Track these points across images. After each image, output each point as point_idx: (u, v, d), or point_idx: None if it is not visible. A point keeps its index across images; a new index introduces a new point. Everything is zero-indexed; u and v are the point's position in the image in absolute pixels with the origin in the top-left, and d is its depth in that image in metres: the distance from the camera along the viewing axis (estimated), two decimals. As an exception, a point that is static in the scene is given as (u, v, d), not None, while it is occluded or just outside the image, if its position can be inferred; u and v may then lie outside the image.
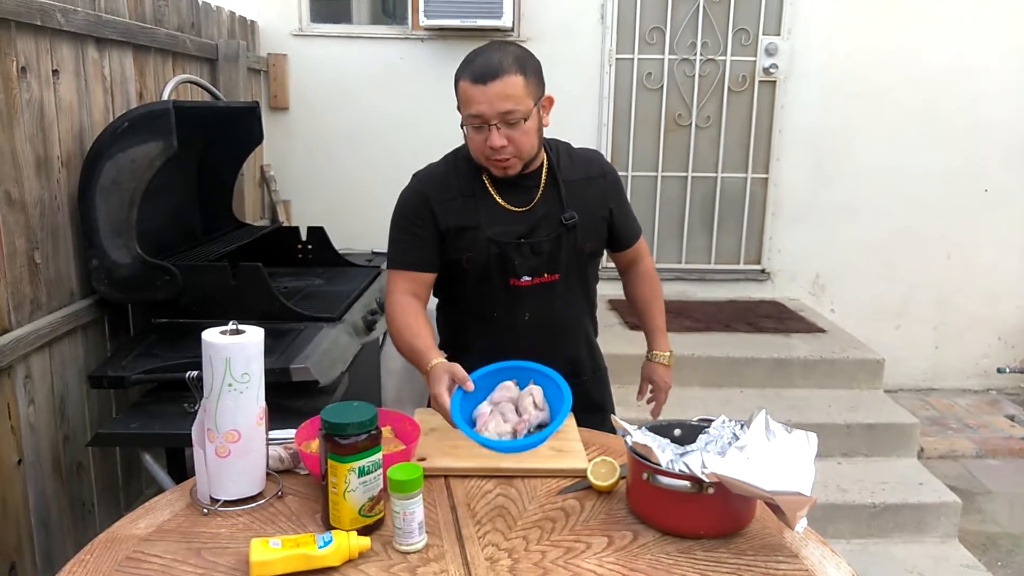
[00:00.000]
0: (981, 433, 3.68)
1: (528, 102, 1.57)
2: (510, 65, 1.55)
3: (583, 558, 1.20)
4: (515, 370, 1.53)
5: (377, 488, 1.25)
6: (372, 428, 1.24)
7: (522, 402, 1.45)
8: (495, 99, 1.54)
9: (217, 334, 1.29)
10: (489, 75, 1.54)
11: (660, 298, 1.95)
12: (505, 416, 1.43)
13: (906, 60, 3.96)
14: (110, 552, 1.21)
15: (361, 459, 1.23)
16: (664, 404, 2.00)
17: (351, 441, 1.22)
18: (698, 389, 3.34)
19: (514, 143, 1.59)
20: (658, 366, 1.96)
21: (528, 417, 1.45)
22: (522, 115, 1.56)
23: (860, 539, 2.85)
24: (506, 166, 1.63)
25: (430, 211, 1.68)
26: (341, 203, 3.90)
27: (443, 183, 1.70)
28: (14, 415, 1.82)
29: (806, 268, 4.19)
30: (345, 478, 1.22)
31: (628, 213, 1.85)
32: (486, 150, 1.60)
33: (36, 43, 1.91)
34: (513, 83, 1.54)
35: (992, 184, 4.09)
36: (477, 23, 3.69)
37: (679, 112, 4.04)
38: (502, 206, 1.69)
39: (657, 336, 1.96)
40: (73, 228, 2.07)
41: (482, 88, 1.54)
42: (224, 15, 3.28)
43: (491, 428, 1.42)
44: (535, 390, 1.47)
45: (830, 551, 1.24)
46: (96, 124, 2.17)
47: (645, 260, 1.93)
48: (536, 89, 1.60)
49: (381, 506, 1.26)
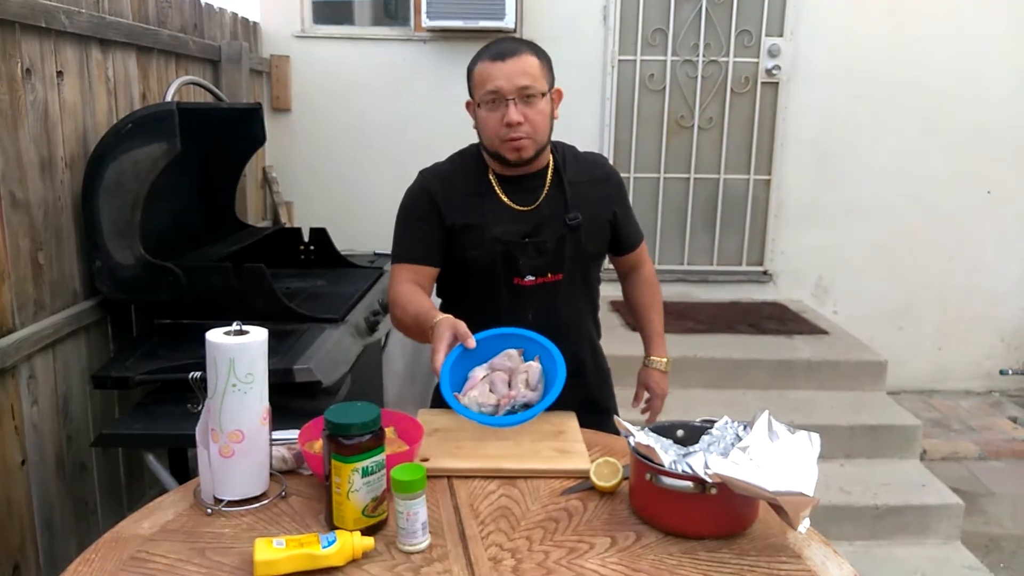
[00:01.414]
0: (984, 435, 3.67)
1: (543, 83, 1.65)
2: (527, 48, 1.65)
3: (586, 558, 1.20)
4: (524, 340, 1.52)
5: (380, 488, 1.25)
6: (375, 428, 1.24)
7: (516, 376, 1.42)
8: (513, 74, 1.60)
9: (221, 334, 1.30)
10: (508, 53, 1.62)
11: (659, 304, 1.96)
12: (494, 386, 1.40)
13: (909, 62, 3.97)
14: (115, 552, 1.21)
15: (365, 459, 1.23)
16: (660, 411, 2.00)
17: (355, 441, 1.22)
18: (701, 391, 3.34)
19: (530, 121, 1.63)
20: (654, 372, 1.96)
21: (515, 394, 1.43)
22: (539, 91, 1.63)
23: (863, 541, 2.85)
24: (520, 146, 1.64)
25: (435, 207, 1.69)
26: (343, 204, 3.90)
27: (449, 181, 1.72)
28: (18, 415, 1.83)
29: (809, 270, 4.19)
30: (349, 478, 1.22)
31: (631, 218, 1.86)
32: (501, 130, 1.62)
33: (40, 45, 1.91)
34: (530, 62, 1.63)
35: (995, 186, 4.09)
36: (480, 24, 3.70)
37: (682, 113, 4.04)
38: (508, 205, 1.70)
39: (655, 342, 1.96)
40: (77, 229, 2.08)
41: (500, 64, 1.61)
42: (227, 16, 3.29)
43: (473, 395, 1.41)
44: (533, 368, 1.45)
45: (833, 552, 1.23)
46: (100, 125, 2.17)
47: (646, 266, 1.94)
48: (549, 75, 1.68)
49: (385, 506, 1.26)
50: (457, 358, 1.43)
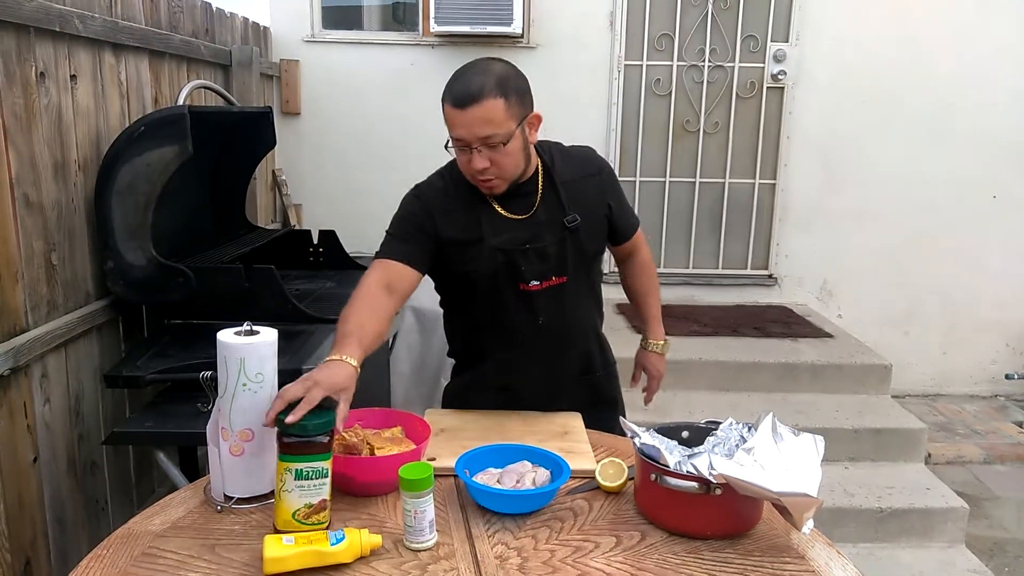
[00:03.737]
0: (989, 439, 3.67)
1: (509, 124, 1.55)
2: (491, 89, 1.51)
3: (591, 557, 1.22)
4: (531, 454, 1.48)
5: (318, 497, 1.24)
6: (314, 435, 1.23)
7: (524, 477, 1.41)
8: (474, 124, 1.52)
9: (232, 335, 1.31)
10: (468, 100, 1.51)
11: (656, 288, 1.97)
12: (502, 481, 1.40)
13: (914, 66, 3.97)
14: (126, 548, 1.23)
15: (299, 462, 1.23)
16: (656, 391, 2.03)
17: (291, 441, 1.23)
18: (705, 393, 3.34)
19: (496, 165, 1.58)
20: (651, 354, 1.99)
21: (521, 486, 1.40)
22: (502, 139, 1.54)
23: (867, 543, 2.85)
24: (490, 187, 1.63)
25: (430, 219, 1.67)
26: (352, 207, 3.92)
27: (444, 195, 1.69)
28: (30, 414, 1.85)
29: (813, 273, 4.20)
30: (282, 476, 1.23)
31: (625, 206, 1.84)
32: (470, 171, 1.61)
33: (55, 49, 1.94)
34: (492, 107, 1.51)
35: (1001, 190, 4.09)
36: (487, 30, 3.72)
37: (687, 118, 4.05)
38: (504, 215, 1.68)
39: (652, 325, 1.98)
40: (89, 230, 2.10)
41: (461, 113, 1.52)
42: (238, 21, 3.32)
43: (483, 480, 1.40)
44: (541, 472, 1.42)
45: (836, 553, 1.25)
46: (112, 129, 2.20)
47: (643, 251, 1.94)
48: (519, 109, 1.57)
49: (322, 516, 1.25)
50: (473, 457, 1.43)
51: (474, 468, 1.41)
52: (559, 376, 1.82)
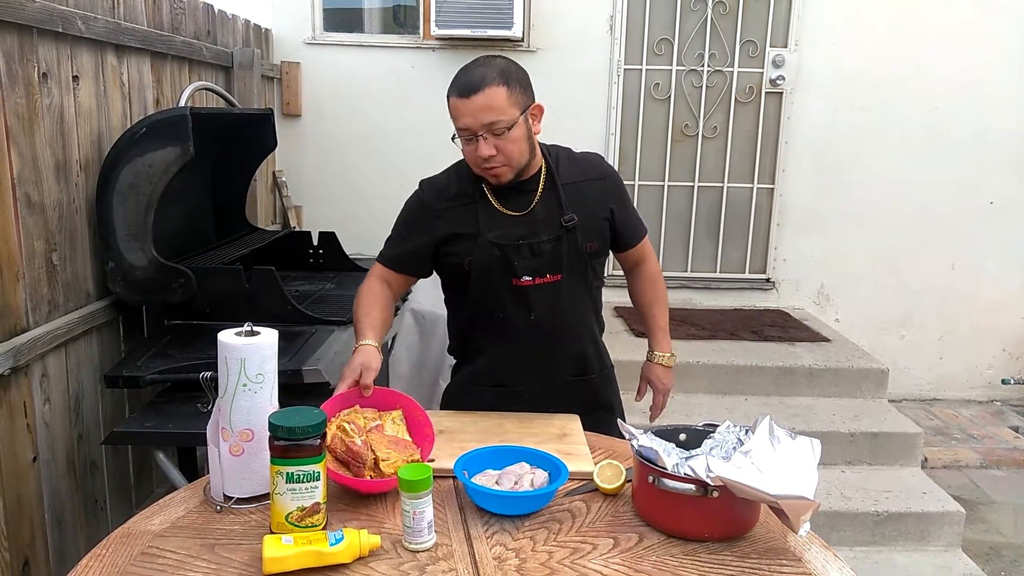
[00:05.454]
0: (985, 443, 3.68)
1: (513, 111, 1.62)
2: (493, 78, 1.60)
3: (589, 559, 1.22)
4: (529, 455, 1.48)
5: (310, 500, 1.24)
6: (304, 439, 1.23)
7: (523, 479, 1.41)
8: (478, 111, 1.60)
9: (232, 335, 1.32)
10: (471, 89, 1.60)
11: (664, 300, 1.97)
12: (500, 483, 1.40)
13: (912, 72, 3.99)
14: (125, 547, 1.23)
15: (289, 465, 1.23)
16: (663, 406, 2.03)
17: (280, 444, 1.23)
18: (703, 396, 3.35)
19: (502, 152, 1.64)
20: (657, 367, 1.98)
21: (519, 488, 1.40)
22: (506, 124, 1.61)
23: (863, 547, 2.86)
24: (497, 174, 1.68)
25: (429, 220, 1.75)
26: (352, 208, 3.94)
27: (444, 191, 1.77)
28: (30, 413, 1.86)
29: (811, 278, 4.21)
30: (274, 479, 1.24)
31: (631, 213, 1.87)
32: (477, 160, 1.66)
33: (57, 50, 1.95)
34: (495, 94, 1.60)
35: (997, 195, 4.11)
36: (488, 33, 3.73)
37: (686, 122, 4.07)
38: (500, 211, 1.73)
39: (658, 336, 1.98)
40: (90, 231, 2.11)
41: (465, 102, 1.60)
42: (239, 23, 3.33)
43: (480, 482, 1.40)
44: (539, 474, 1.43)
45: (833, 556, 1.25)
46: (114, 129, 2.21)
47: (650, 261, 1.95)
48: (522, 98, 1.65)
49: (315, 519, 1.25)
50: (472, 458, 1.44)
51: (473, 469, 1.42)
52: (552, 374, 1.83)
